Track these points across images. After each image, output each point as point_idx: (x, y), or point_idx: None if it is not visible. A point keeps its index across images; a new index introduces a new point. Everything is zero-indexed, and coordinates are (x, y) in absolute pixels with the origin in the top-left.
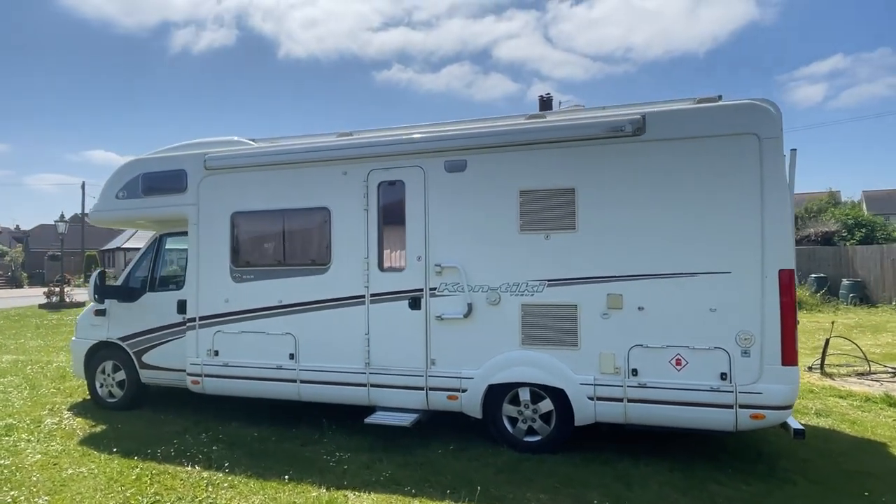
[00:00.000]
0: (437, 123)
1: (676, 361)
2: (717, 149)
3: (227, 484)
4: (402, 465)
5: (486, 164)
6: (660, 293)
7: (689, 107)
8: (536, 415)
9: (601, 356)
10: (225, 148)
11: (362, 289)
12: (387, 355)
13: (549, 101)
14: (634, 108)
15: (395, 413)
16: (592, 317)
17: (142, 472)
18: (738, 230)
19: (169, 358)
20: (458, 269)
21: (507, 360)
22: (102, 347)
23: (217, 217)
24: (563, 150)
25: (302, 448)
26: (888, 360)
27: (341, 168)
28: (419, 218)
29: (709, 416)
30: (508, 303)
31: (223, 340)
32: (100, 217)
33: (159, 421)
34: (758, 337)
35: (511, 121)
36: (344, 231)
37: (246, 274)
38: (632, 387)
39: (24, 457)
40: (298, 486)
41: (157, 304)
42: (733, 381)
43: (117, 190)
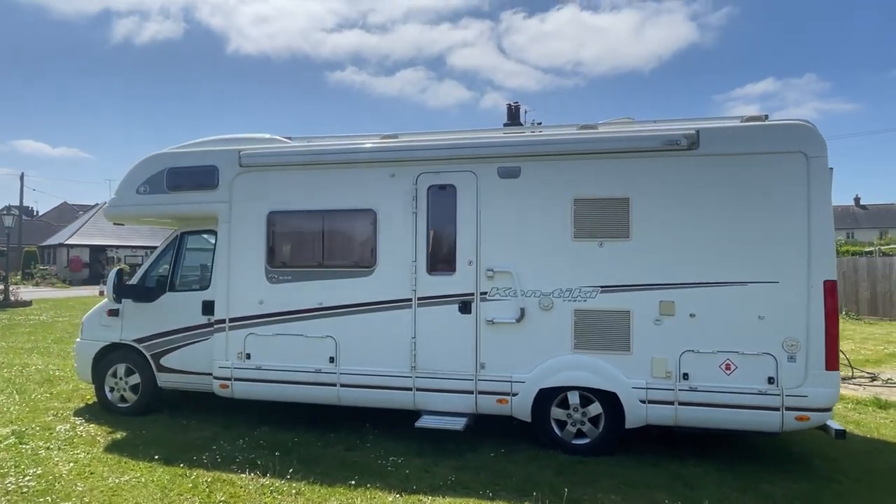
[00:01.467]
0: (483, 130)
1: (726, 366)
2: (767, 165)
3: (293, 490)
4: (460, 469)
5: (540, 171)
6: (711, 301)
7: (742, 125)
8: (585, 418)
9: (653, 361)
10: (258, 145)
11: (409, 292)
12: (434, 359)
13: (517, 109)
14: (684, 124)
15: (444, 417)
16: (645, 323)
17: (197, 480)
18: (786, 243)
19: (191, 361)
20: (510, 273)
21: (560, 365)
22: (113, 349)
23: (252, 216)
24: (619, 161)
25: (349, 453)
26: (856, 366)
27: (388, 170)
28: (470, 222)
29: (756, 418)
30: (561, 308)
31: (256, 343)
32: (118, 212)
33: (181, 426)
34: (803, 343)
35: (561, 130)
36: (390, 233)
37: (283, 275)
38: (683, 390)
39: (53, 465)
40: (368, 492)
41: (179, 305)
42: (780, 385)
43: (138, 185)
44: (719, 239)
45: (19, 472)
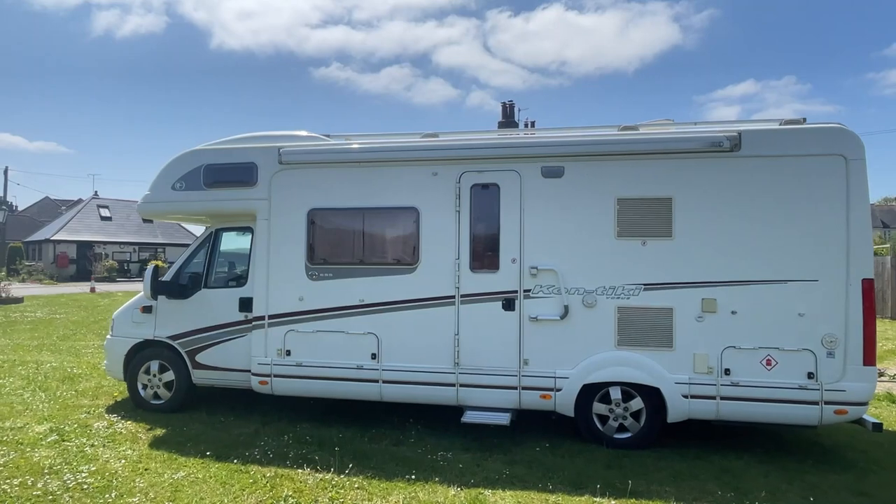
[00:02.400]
0: (525, 130)
1: (767, 361)
2: (806, 167)
3: (354, 485)
4: (511, 463)
5: (584, 171)
6: (752, 298)
7: (783, 127)
8: (627, 413)
9: (695, 357)
10: (297, 142)
11: (452, 289)
12: (477, 355)
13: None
14: (724, 126)
15: (488, 412)
16: (687, 319)
17: (255, 476)
18: (825, 242)
19: (228, 358)
20: (554, 271)
21: (604, 361)
22: (146, 346)
23: (291, 213)
24: (662, 162)
25: (396, 448)
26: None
27: (431, 168)
28: (514, 221)
29: (796, 412)
30: (604, 305)
31: (296, 340)
32: (152, 209)
33: (219, 423)
34: (842, 339)
35: (603, 131)
36: (433, 231)
37: (323, 272)
38: (725, 385)
39: (105, 463)
40: (428, 486)
41: (214, 302)
42: (819, 380)
43: (174, 181)
44: (760, 238)
45: (73, 470)
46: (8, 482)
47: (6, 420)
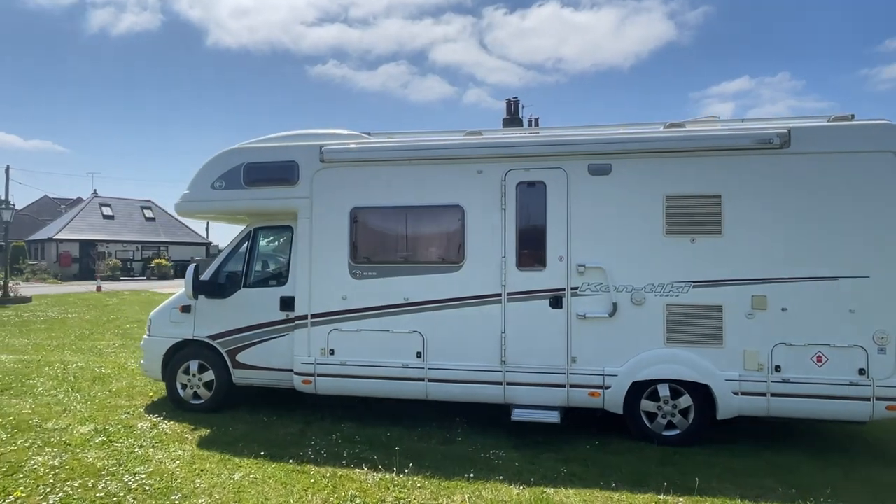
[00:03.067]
0: (571, 127)
1: (817, 358)
2: (856, 163)
3: (416, 485)
4: (565, 461)
5: (631, 168)
6: (802, 295)
7: (832, 124)
8: (676, 410)
9: (745, 354)
10: (338, 141)
11: (499, 287)
12: (525, 353)
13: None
14: (772, 123)
15: (538, 410)
16: (737, 317)
17: (315, 476)
18: (876, 238)
19: (269, 357)
20: (602, 269)
21: (653, 358)
22: (184, 346)
23: (334, 212)
24: (711, 159)
25: (447, 447)
26: None
27: (476, 166)
28: (561, 218)
29: (847, 407)
30: (653, 303)
31: (340, 339)
32: (191, 207)
33: (262, 423)
34: (893, 336)
35: (648, 128)
36: (479, 230)
37: (367, 271)
38: (775, 382)
39: (159, 463)
40: (490, 485)
41: (255, 301)
42: (871, 376)
43: (213, 179)
44: (810, 235)
45: (129, 471)
46: (68, 484)
47: (48, 421)
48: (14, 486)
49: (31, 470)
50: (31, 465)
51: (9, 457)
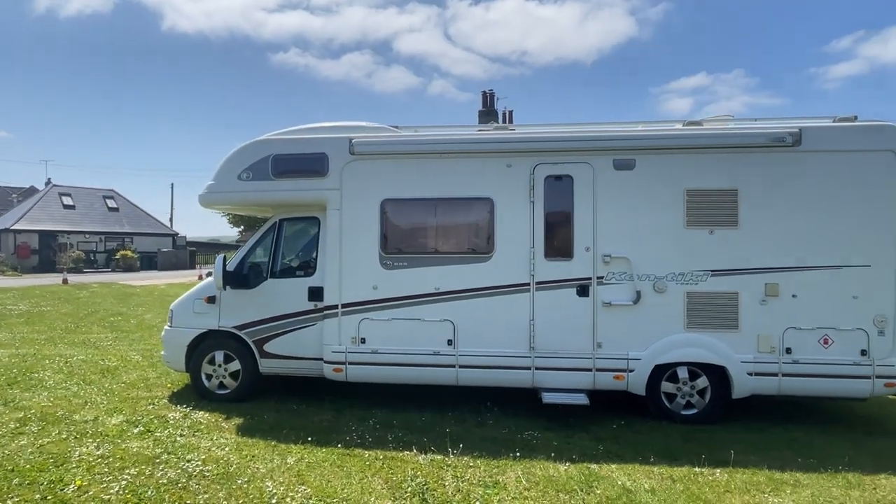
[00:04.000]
0: (596, 123)
1: (824, 341)
2: (860, 161)
3: (469, 465)
4: (598, 440)
5: (654, 164)
6: (811, 283)
7: (838, 124)
8: (694, 391)
9: (759, 337)
10: (368, 133)
11: (527, 277)
12: (553, 339)
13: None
14: (782, 122)
15: (567, 393)
16: (752, 303)
17: (368, 458)
18: (877, 230)
19: (297, 346)
20: (627, 259)
21: (674, 342)
22: (209, 337)
23: (364, 203)
24: (728, 155)
25: (482, 429)
26: None
27: (505, 160)
28: (587, 211)
29: (850, 385)
30: (674, 290)
31: (371, 328)
32: (217, 199)
33: (292, 411)
34: (891, 319)
35: (666, 126)
36: (508, 221)
37: (398, 261)
38: (786, 363)
39: (207, 451)
40: (537, 463)
41: (282, 291)
42: (871, 356)
43: (240, 171)
44: (818, 227)
45: (180, 458)
46: (126, 472)
47: (74, 413)
48: (70, 475)
49: (79, 460)
50: (76, 455)
51: (50, 448)
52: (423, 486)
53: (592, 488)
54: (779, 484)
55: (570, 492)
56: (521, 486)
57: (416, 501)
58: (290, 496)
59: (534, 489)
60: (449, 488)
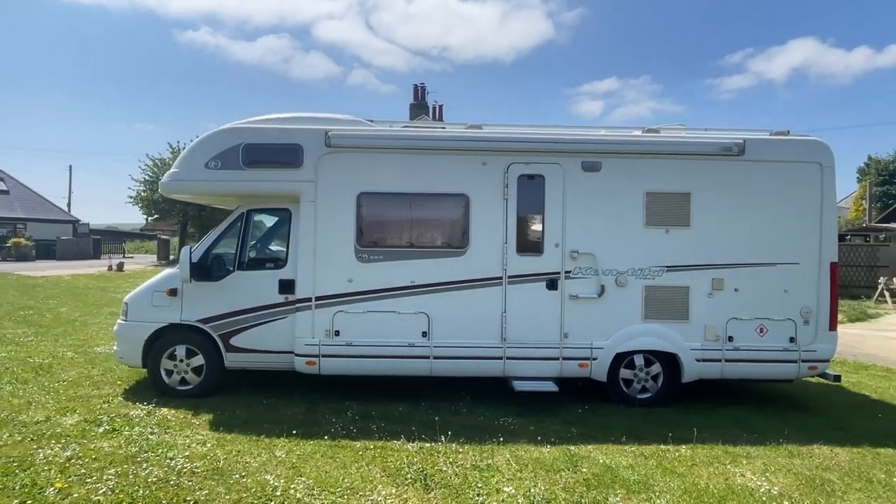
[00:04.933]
0: (565, 126)
1: (760, 329)
2: (792, 171)
3: (458, 451)
4: (568, 423)
5: (618, 167)
6: (750, 278)
7: (774, 137)
8: (649, 376)
9: (706, 327)
10: (343, 126)
11: (500, 271)
12: (523, 331)
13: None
14: (727, 133)
15: (538, 381)
16: (700, 296)
17: (358, 448)
18: (805, 232)
19: (267, 340)
20: (593, 255)
21: (633, 332)
22: (169, 331)
23: (340, 196)
24: (683, 162)
25: (459, 417)
26: None
27: (480, 158)
28: (557, 209)
29: (781, 369)
30: (633, 284)
31: (345, 320)
32: (182, 187)
33: (262, 405)
34: (815, 310)
35: (625, 132)
36: (482, 217)
37: (373, 254)
38: (728, 350)
39: (188, 448)
40: (522, 447)
41: (251, 284)
42: (798, 343)
43: (208, 159)
44: (757, 228)
45: (162, 456)
46: (107, 472)
47: (19, 414)
48: (42, 478)
49: (47, 462)
50: (41, 457)
51: (7, 451)
52: (422, 472)
53: (578, 467)
54: (735, 457)
55: (559, 471)
56: (513, 467)
57: (418, 486)
58: (292, 488)
59: (524, 470)
60: (447, 472)
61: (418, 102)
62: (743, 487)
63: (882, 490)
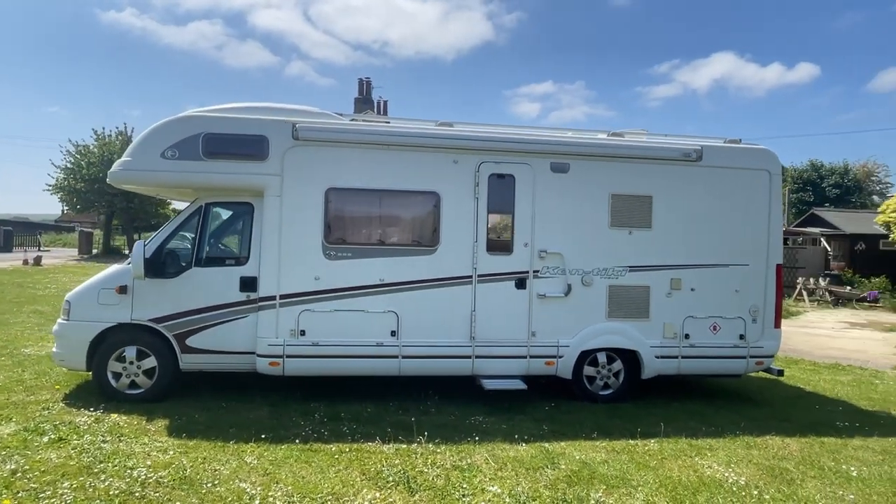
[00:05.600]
0: (534, 127)
1: (713, 327)
2: (743, 177)
3: (437, 451)
4: (538, 421)
5: (585, 168)
6: (705, 278)
7: (727, 145)
8: (611, 373)
9: (665, 325)
10: (311, 119)
11: (470, 270)
12: (492, 329)
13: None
14: (686, 140)
15: (507, 380)
16: (660, 295)
17: (333, 452)
18: (754, 235)
19: (226, 340)
20: (560, 254)
21: (598, 330)
22: (118, 331)
23: (307, 191)
24: (646, 166)
25: (429, 418)
26: None
27: (452, 156)
28: (527, 209)
29: (731, 364)
30: (598, 284)
31: (312, 319)
32: (133, 177)
33: (221, 409)
34: (762, 309)
35: (590, 134)
36: (453, 215)
37: (342, 252)
38: (685, 347)
39: (146, 457)
40: (499, 445)
41: (209, 281)
42: (747, 340)
43: (164, 148)
44: (711, 231)
45: (121, 466)
46: (61, 486)
47: None
48: None
49: None
50: None
51: None
52: (403, 474)
53: (556, 464)
54: (699, 449)
55: (538, 469)
56: (493, 466)
57: (402, 488)
58: (270, 496)
59: (504, 469)
60: (428, 473)
61: (363, 97)
62: (712, 479)
63: (834, 477)
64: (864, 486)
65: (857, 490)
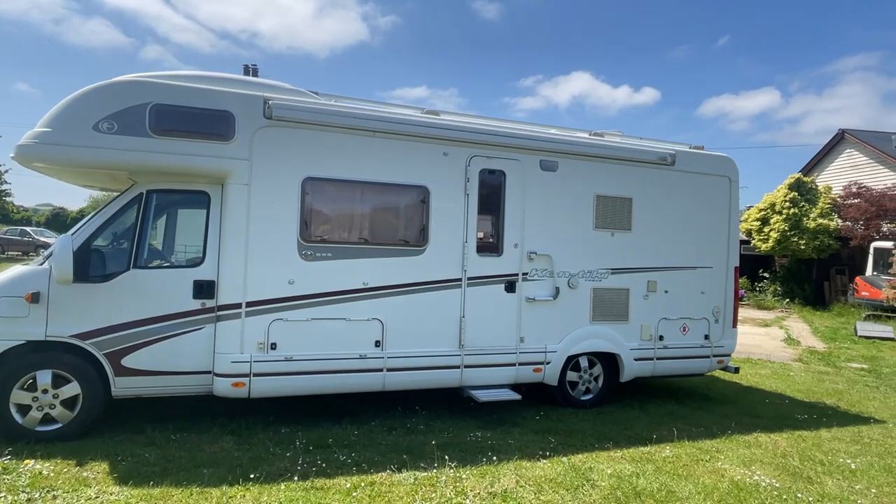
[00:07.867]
0: (523, 122)
1: (683, 328)
2: (707, 183)
3: (462, 476)
4: (537, 433)
5: (573, 168)
6: (677, 280)
7: (694, 150)
8: (592, 377)
9: (642, 327)
10: (283, 95)
11: (460, 272)
12: (481, 336)
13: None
14: (658, 144)
15: (499, 390)
16: (638, 297)
17: (347, 490)
18: (717, 238)
19: (174, 358)
20: (549, 256)
21: (583, 334)
22: (25, 351)
23: (280, 181)
24: (628, 168)
25: (423, 437)
26: None
27: (442, 148)
28: (516, 208)
29: (697, 364)
30: (583, 287)
31: (284, 330)
32: (52, 154)
33: (174, 442)
34: (723, 309)
35: (576, 134)
36: (443, 212)
37: (320, 251)
38: (660, 348)
39: None
40: (514, 464)
41: (152, 286)
42: (710, 340)
43: (98, 119)
44: (682, 233)
45: None
46: None
47: None
48: None
49: None
50: None
51: None
52: None
53: (590, 480)
54: (708, 452)
55: (577, 488)
56: (530, 490)
57: None
58: None
59: (543, 492)
60: None
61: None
62: (744, 483)
63: (838, 471)
64: (868, 477)
65: (867, 482)
